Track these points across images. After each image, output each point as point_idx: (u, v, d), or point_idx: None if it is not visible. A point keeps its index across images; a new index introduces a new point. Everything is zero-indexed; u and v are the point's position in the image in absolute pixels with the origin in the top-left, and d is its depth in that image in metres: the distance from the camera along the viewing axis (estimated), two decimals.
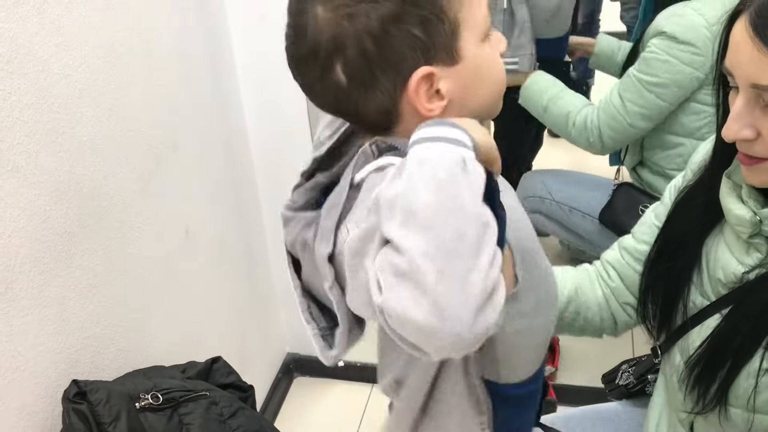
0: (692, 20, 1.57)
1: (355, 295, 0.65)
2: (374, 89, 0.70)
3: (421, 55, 0.69)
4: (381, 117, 0.72)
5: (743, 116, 0.84)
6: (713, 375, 0.96)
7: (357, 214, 0.69)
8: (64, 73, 1.13)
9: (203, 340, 1.65)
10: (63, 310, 1.15)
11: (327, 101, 0.74)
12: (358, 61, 0.68)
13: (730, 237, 0.98)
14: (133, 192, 1.33)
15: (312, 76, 0.72)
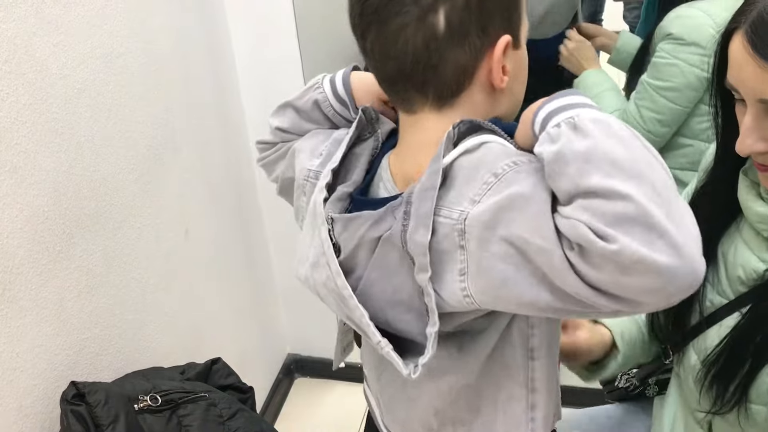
0: (699, 21, 1.56)
1: (489, 271, 0.64)
2: (464, 44, 0.70)
3: (506, 24, 0.72)
4: (456, 77, 0.72)
5: (755, 130, 0.84)
6: (733, 373, 0.95)
7: (456, 194, 0.68)
8: (62, 73, 1.12)
9: (203, 341, 1.64)
10: (61, 311, 1.14)
11: (407, 51, 0.70)
12: (461, 10, 0.69)
13: (749, 234, 0.97)
14: (132, 192, 1.32)
15: (405, 18, 0.69)
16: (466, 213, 0.66)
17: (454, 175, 0.70)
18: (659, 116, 1.68)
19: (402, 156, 0.81)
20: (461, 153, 0.70)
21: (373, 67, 0.76)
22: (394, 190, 0.80)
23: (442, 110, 0.74)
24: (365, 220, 0.74)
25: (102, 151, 1.23)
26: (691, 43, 1.57)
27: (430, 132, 0.75)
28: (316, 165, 0.86)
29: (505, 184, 0.65)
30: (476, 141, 0.71)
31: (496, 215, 0.63)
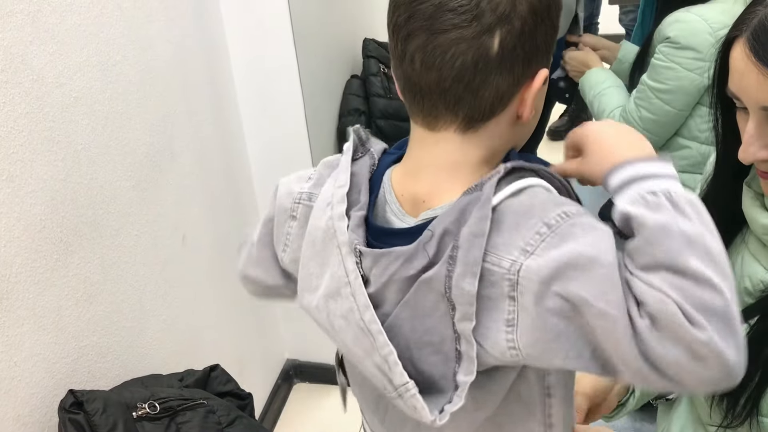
0: (695, 26, 1.57)
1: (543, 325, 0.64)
2: (510, 72, 0.69)
3: (545, 59, 0.72)
4: (492, 103, 0.71)
5: (758, 137, 0.84)
6: (743, 386, 0.92)
7: (505, 240, 0.66)
8: (58, 82, 1.12)
9: (201, 348, 1.64)
10: (59, 319, 1.14)
11: (454, 66, 0.68)
12: (516, 36, 0.68)
13: (756, 246, 0.96)
14: (129, 200, 1.32)
15: (462, 33, 0.67)
16: (519, 264, 0.65)
17: (499, 218, 0.67)
18: (654, 117, 1.69)
19: (411, 175, 0.77)
20: (507, 196, 0.68)
21: (405, 73, 0.72)
22: (401, 214, 0.77)
23: (467, 133, 0.72)
24: (396, 257, 0.71)
25: (99, 159, 1.23)
26: (687, 47, 1.58)
27: (450, 154, 0.73)
28: (308, 187, 0.83)
29: (559, 238, 0.64)
30: (522, 184, 0.69)
31: (557, 273, 0.63)
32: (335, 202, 0.77)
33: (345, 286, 0.74)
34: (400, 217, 0.77)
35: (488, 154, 0.74)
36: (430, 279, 0.69)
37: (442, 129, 0.73)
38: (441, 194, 0.74)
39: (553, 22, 0.72)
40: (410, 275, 0.70)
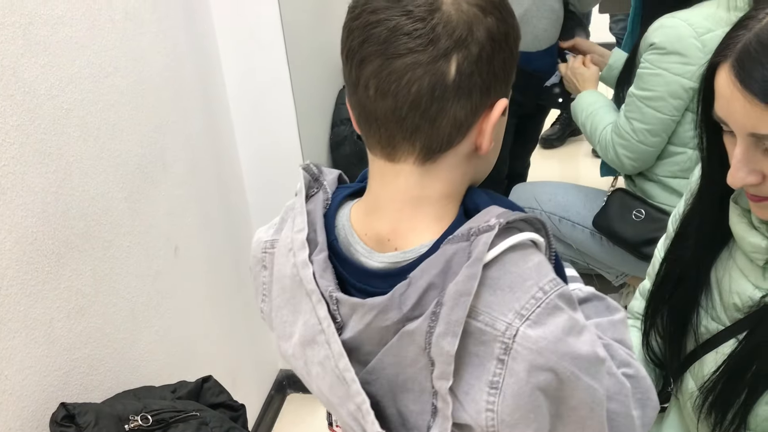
0: (680, 31, 1.59)
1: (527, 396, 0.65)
2: (468, 100, 0.67)
3: (504, 89, 0.71)
4: (450, 132, 0.69)
5: (746, 162, 0.84)
6: (730, 400, 0.94)
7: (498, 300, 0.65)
8: (50, 94, 1.12)
9: (194, 359, 1.64)
10: (51, 332, 1.14)
11: (410, 92, 0.66)
12: (473, 62, 0.66)
13: (743, 262, 0.96)
14: (121, 211, 1.32)
15: (417, 57, 0.65)
16: (515, 329, 0.64)
17: (493, 276, 0.66)
18: (648, 126, 1.70)
19: (371, 211, 0.76)
20: (500, 253, 0.66)
21: (359, 101, 0.70)
22: (368, 252, 0.74)
23: (425, 165, 0.70)
24: (371, 309, 0.70)
25: (91, 170, 1.22)
26: (673, 52, 1.59)
27: (410, 189, 0.71)
28: (272, 234, 0.82)
29: (554, 305, 0.65)
30: (514, 240, 0.67)
31: (555, 347, 0.64)
32: (296, 249, 0.75)
33: (319, 333, 0.73)
34: (368, 256, 0.75)
35: (449, 188, 0.73)
36: (413, 332, 0.67)
37: (401, 160, 0.71)
38: (405, 234, 0.72)
39: (511, 50, 0.70)
40: (385, 326, 0.69)
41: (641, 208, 1.83)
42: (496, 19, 0.67)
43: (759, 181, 0.85)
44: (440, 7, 0.65)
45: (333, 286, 0.73)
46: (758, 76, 0.77)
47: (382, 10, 0.66)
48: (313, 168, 0.82)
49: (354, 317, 0.72)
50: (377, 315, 0.69)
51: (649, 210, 1.82)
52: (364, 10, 0.68)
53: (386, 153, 0.71)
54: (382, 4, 0.66)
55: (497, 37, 0.67)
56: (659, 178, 1.82)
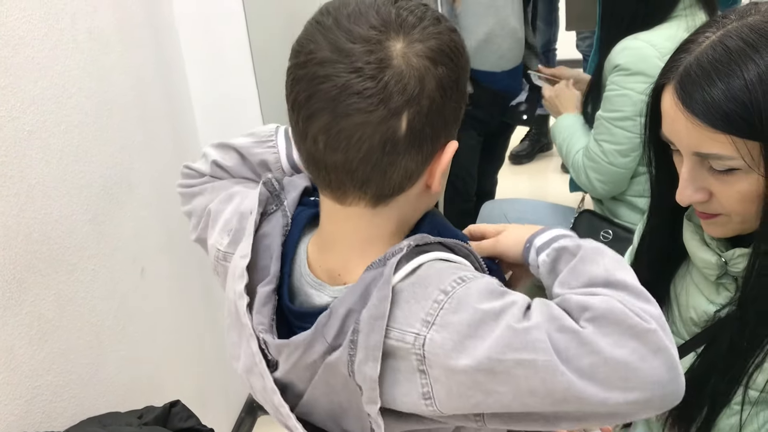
0: (644, 52, 1.61)
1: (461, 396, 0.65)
2: (418, 151, 0.68)
3: (452, 129, 0.71)
4: (401, 181, 0.69)
5: (692, 181, 0.87)
6: (693, 415, 0.95)
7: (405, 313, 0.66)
8: (11, 116, 1.10)
9: (162, 383, 1.61)
10: (11, 359, 1.10)
11: (360, 149, 0.65)
12: (424, 115, 0.65)
13: (698, 277, 0.98)
14: (86, 234, 1.30)
15: (368, 117, 0.64)
16: (422, 338, 0.65)
17: (398, 292, 0.67)
18: (618, 147, 1.72)
19: (324, 248, 0.77)
20: (407, 273, 0.68)
21: (308, 151, 0.70)
22: (318, 284, 0.76)
23: (377, 208, 0.71)
24: (296, 347, 0.71)
25: (53, 193, 1.20)
26: (638, 73, 1.62)
27: (361, 230, 0.73)
28: (225, 246, 0.82)
29: (457, 302, 0.65)
30: (421, 260, 0.69)
31: (461, 344, 0.63)
32: (236, 277, 0.75)
33: (254, 365, 0.75)
34: (317, 288, 0.76)
35: (398, 225, 0.74)
36: (335, 362, 0.68)
37: (351, 204, 0.71)
38: (355, 269, 0.73)
39: (462, 92, 0.70)
40: (312, 361, 0.70)
41: (609, 229, 1.84)
42: (446, 68, 0.66)
43: (706, 199, 0.87)
44: (390, 63, 0.63)
45: (266, 323, 0.73)
46: (699, 98, 0.80)
47: (329, 64, 0.64)
48: (273, 183, 0.81)
49: (281, 357, 0.73)
50: (303, 352, 0.70)
51: (616, 230, 1.83)
52: (310, 60, 0.65)
53: (336, 196, 0.72)
54: (329, 56, 0.64)
55: (448, 85, 0.67)
56: (626, 198, 1.84)
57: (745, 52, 0.79)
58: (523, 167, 3.67)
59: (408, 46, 0.65)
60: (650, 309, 0.64)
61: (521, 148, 3.67)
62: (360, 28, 0.64)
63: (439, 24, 0.68)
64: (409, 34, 0.65)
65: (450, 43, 0.68)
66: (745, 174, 0.82)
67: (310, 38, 0.67)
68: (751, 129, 0.79)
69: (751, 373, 0.89)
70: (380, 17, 0.65)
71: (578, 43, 3.70)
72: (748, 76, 0.78)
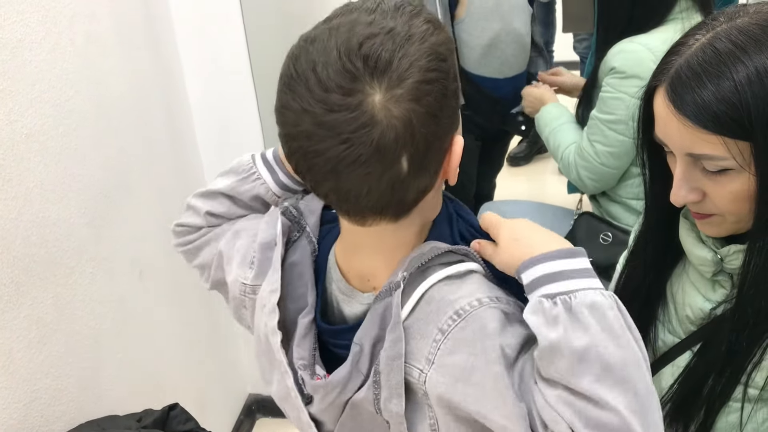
0: (639, 55, 1.61)
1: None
2: (425, 173, 0.67)
3: (455, 128, 0.70)
4: (416, 197, 0.69)
5: (686, 181, 0.87)
6: (691, 413, 0.96)
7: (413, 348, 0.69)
8: (9, 119, 1.10)
9: (160, 386, 1.61)
10: (10, 363, 1.10)
11: (371, 195, 0.65)
12: (423, 146, 0.64)
13: (694, 275, 0.99)
14: (84, 237, 1.30)
15: (367, 176, 0.63)
16: (425, 375, 0.68)
17: (408, 327, 0.70)
18: (611, 149, 1.72)
19: (351, 254, 0.78)
20: (412, 308, 0.70)
21: (324, 197, 0.71)
22: (349, 290, 0.77)
23: (399, 221, 0.71)
24: (333, 387, 0.73)
25: (51, 196, 1.20)
26: (633, 76, 1.61)
27: (385, 241, 0.74)
28: (251, 279, 0.82)
29: (452, 344, 0.67)
30: (421, 290, 0.70)
31: (453, 386, 0.66)
32: (267, 312, 0.76)
33: (290, 397, 0.78)
34: (348, 294, 0.77)
35: (421, 224, 0.75)
36: (360, 401, 0.72)
37: (372, 225, 0.71)
38: (383, 275, 0.74)
39: (453, 92, 0.68)
40: (347, 399, 0.73)
41: (608, 232, 1.84)
42: (431, 96, 0.63)
43: (699, 199, 0.88)
44: (374, 122, 0.61)
45: (307, 357, 0.76)
46: (689, 100, 0.81)
47: (316, 139, 0.62)
48: (291, 211, 0.82)
49: (317, 396, 0.76)
50: (341, 392, 0.73)
51: (615, 233, 1.83)
52: (299, 133, 0.63)
53: (355, 221, 0.71)
54: (313, 130, 0.62)
55: (438, 107, 0.65)
56: (623, 200, 1.84)
57: (734, 53, 0.80)
58: (521, 169, 3.68)
59: (386, 96, 0.61)
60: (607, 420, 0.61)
61: (519, 150, 3.68)
62: (335, 95, 0.61)
63: (411, 44, 0.63)
64: (384, 79, 0.61)
65: (429, 64, 0.63)
66: (738, 174, 0.83)
67: (288, 107, 0.65)
68: (741, 129, 0.79)
69: (750, 371, 0.89)
70: (350, 75, 0.61)
71: (575, 45, 3.71)
72: (737, 78, 0.79)
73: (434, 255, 0.72)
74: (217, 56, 1.70)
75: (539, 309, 0.64)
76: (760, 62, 0.78)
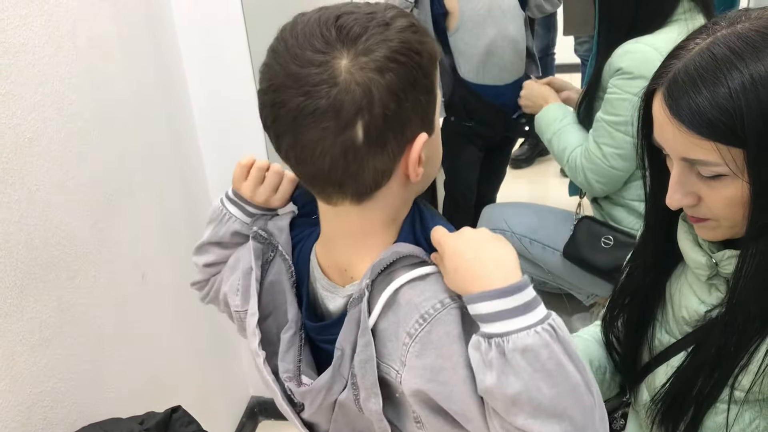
0: (646, 55, 1.61)
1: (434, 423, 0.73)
2: (384, 150, 0.70)
3: (422, 122, 0.73)
4: (374, 179, 0.72)
5: (681, 185, 0.88)
6: (680, 415, 0.97)
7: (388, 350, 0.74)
8: (11, 123, 1.10)
9: (162, 389, 1.61)
10: (13, 365, 1.11)
11: (325, 160, 0.69)
12: (380, 120, 0.68)
13: (692, 277, 1.00)
14: (86, 240, 1.30)
15: (321, 132, 0.68)
16: (401, 376, 0.72)
17: (381, 330, 0.74)
18: (619, 151, 1.71)
19: (328, 247, 0.83)
20: (379, 313, 0.73)
21: (288, 163, 0.75)
22: (331, 286, 0.82)
23: (362, 203, 0.75)
24: (318, 391, 0.78)
25: (54, 199, 1.20)
26: (640, 77, 1.61)
27: (353, 224, 0.77)
28: (240, 305, 0.89)
29: (420, 345, 0.71)
30: (387, 293, 0.73)
31: (424, 387, 0.70)
32: (249, 334, 0.84)
33: (282, 406, 0.85)
34: (330, 290, 0.82)
35: (388, 214, 0.78)
36: (344, 401, 0.77)
37: (338, 204, 0.76)
38: (358, 264, 0.78)
39: (424, 88, 0.71)
40: (334, 400, 0.78)
41: (609, 235, 1.84)
42: (395, 74, 0.68)
43: (694, 203, 0.89)
44: (336, 81, 0.66)
45: (292, 370, 0.81)
46: (685, 105, 0.81)
47: (283, 90, 0.68)
48: (261, 234, 0.87)
49: (306, 402, 0.81)
50: (325, 395, 0.77)
51: (617, 236, 1.83)
52: (270, 86, 0.70)
53: (323, 198, 0.77)
54: (282, 81, 0.68)
55: (401, 89, 0.68)
56: (626, 202, 1.84)
57: (730, 60, 0.80)
58: (523, 171, 3.68)
59: (352, 62, 0.67)
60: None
61: (521, 153, 3.68)
62: (307, 53, 0.67)
63: (387, 29, 0.69)
64: (353, 47, 0.67)
65: (400, 46, 0.68)
66: (732, 180, 0.83)
67: (268, 65, 0.71)
68: (734, 137, 0.80)
69: (737, 374, 0.90)
70: (323, 39, 0.68)
71: (576, 47, 3.71)
72: (731, 85, 0.79)
73: (395, 259, 0.74)
74: (219, 60, 1.71)
75: (477, 347, 0.68)
76: (756, 70, 0.78)
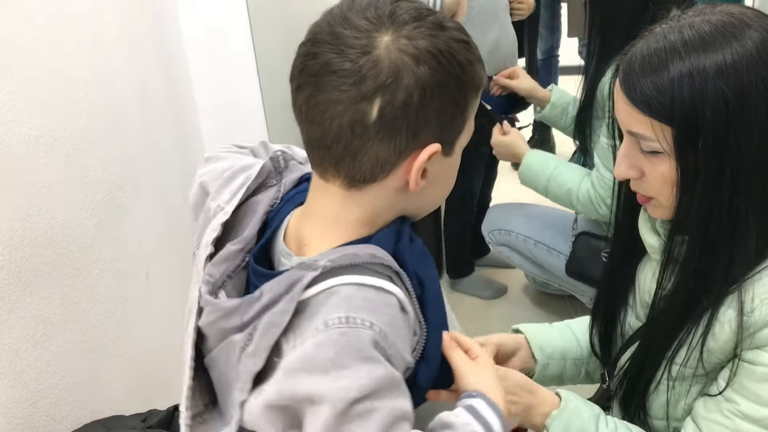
0: None
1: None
2: (391, 141, 0.70)
3: (440, 133, 0.72)
4: (372, 168, 0.72)
5: (628, 158, 0.93)
6: (632, 394, 1.03)
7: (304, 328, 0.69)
8: (18, 120, 1.11)
9: (165, 387, 1.61)
10: (17, 362, 1.11)
11: (332, 125, 0.69)
12: (398, 106, 0.68)
13: (654, 262, 1.04)
14: (91, 238, 1.31)
15: (338, 94, 0.68)
16: (293, 350, 0.69)
17: (308, 303, 0.70)
18: None
19: (302, 218, 0.80)
20: (317, 293, 0.70)
21: (298, 121, 0.75)
22: (287, 253, 0.78)
23: (351, 191, 0.74)
24: (216, 310, 0.74)
25: (59, 197, 1.21)
26: None
27: (332, 207, 0.75)
28: (215, 190, 0.85)
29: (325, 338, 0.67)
30: (330, 283, 0.70)
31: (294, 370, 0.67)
32: (210, 229, 0.80)
33: (190, 310, 0.80)
34: (286, 257, 0.79)
35: (369, 214, 0.76)
36: (234, 342, 0.72)
37: (330, 181, 0.75)
38: (316, 243, 0.76)
39: (454, 101, 0.71)
40: (225, 328, 0.74)
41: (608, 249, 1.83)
42: (430, 68, 0.68)
43: (638, 176, 0.93)
44: (372, 51, 0.68)
45: (216, 277, 0.77)
46: (631, 81, 0.88)
47: (322, 44, 0.70)
48: (280, 160, 0.86)
49: (206, 311, 0.76)
50: (220, 317, 0.74)
51: None
52: (311, 39, 0.71)
53: (318, 172, 0.76)
54: (324, 37, 0.70)
55: (430, 85, 0.69)
56: None
57: (678, 48, 0.85)
58: None
59: (393, 41, 0.68)
60: None
61: None
62: (356, 19, 0.69)
63: (441, 29, 0.70)
64: (399, 30, 0.69)
65: (444, 47, 0.69)
66: (666, 157, 0.88)
67: (318, 23, 0.72)
68: (665, 115, 0.85)
69: (677, 349, 0.95)
70: (377, 12, 0.70)
71: (581, 49, 3.70)
72: (673, 71, 0.84)
73: (369, 261, 0.72)
74: (224, 59, 1.71)
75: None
76: (696, 63, 0.83)
